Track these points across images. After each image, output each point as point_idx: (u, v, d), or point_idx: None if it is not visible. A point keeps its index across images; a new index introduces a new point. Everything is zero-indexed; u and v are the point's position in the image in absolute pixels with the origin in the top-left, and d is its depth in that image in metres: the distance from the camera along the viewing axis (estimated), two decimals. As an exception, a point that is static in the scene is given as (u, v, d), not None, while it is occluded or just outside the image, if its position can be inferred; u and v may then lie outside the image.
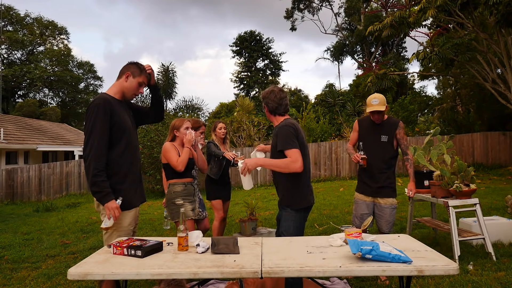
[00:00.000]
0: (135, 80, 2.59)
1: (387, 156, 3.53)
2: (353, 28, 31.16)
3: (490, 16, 9.45)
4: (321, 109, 19.77)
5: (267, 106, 2.87)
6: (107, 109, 2.42)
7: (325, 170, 12.91)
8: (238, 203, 8.77)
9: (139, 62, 2.67)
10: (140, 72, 2.61)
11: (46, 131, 22.80)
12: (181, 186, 3.60)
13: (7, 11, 34.32)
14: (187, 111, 17.63)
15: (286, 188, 2.78)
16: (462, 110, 17.44)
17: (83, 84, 39.35)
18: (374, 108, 3.48)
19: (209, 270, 1.93)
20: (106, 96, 2.51)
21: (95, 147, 2.37)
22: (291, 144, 2.64)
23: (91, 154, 2.37)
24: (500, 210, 5.84)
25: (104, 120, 2.40)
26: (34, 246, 5.67)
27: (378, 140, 3.54)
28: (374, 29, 10.52)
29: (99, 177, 2.36)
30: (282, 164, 2.64)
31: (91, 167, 2.35)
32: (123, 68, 2.63)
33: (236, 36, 31.44)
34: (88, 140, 2.39)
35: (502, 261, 3.63)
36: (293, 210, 2.75)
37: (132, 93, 2.62)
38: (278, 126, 2.80)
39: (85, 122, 2.45)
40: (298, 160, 2.61)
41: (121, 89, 2.60)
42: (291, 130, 2.69)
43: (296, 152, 2.63)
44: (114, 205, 2.39)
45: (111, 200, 2.39)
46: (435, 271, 1.89)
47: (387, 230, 3.51)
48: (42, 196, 13.69)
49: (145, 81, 2.64)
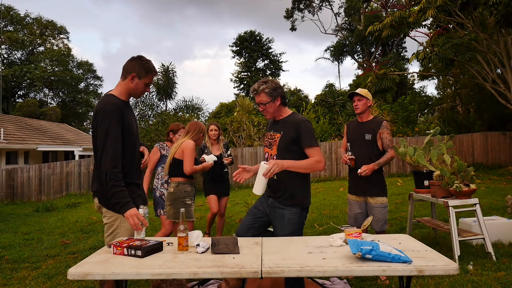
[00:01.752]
0: (141, 82, 2.48)
1: (372, 154, 3.58)
2: (353, 28, 31.17)
3: (490, 16, 9.44)
4: (321, 109, 19.76)
5: (282, 97, 2.73)
6: (119, 115, 2.36)
7: (325, 170, 12.91)
8: (238, 203, 8.78)
9: (144, 59, 2.51)
10: (146, 73, 2.47)
11: (46, 131, 22.81)
12: (190, 187, 3.64)
13: (7, 11, 34.32)
14: (187, 111, 17.61)
15: (296, 187, 2.67)
16: (462, 110, 17.44)
17: (83, 84, 39.36)
18: (355, 91, 3.68)
19: (209, 270, 1.93)
20: (115, 101, 2.41)
21: (110, 155, 2.30)
22: (316, 141, 2.63)
23: (107, 163, 2.29)
24: (500, 210, 5.84)
25: (117, 127, 2.34)
26: (34, 246, 5.67)
27: (362, 138, 3.63)
28: (374, 29, 10.52)
29: (117, 187, 2.29)
30: (308, 165, 2.58)
31: (108, 177, 2.29)
32: (127, 66, 2.48)
33: (236, 36, 31.49)
34: (103, 149, 2.31)
35: (502, 261, 3.63)
36: (301, 209, 2.68)
37: (139, 94, 2.55)
38: (297, 120, 2.68)
39: (97, 128, 2.35)
40: (322, 160, 2.59)
41: (127, 91, 2.49)
42: (312, 126, 2.67)
43: (320, 150, 2.63)
44: (133, 212, 2.30)
45: (130, 209, 2.30)
46: (435, 271, 1.89)
47: (378, 229, 3.56)
48: (42, 196, 13.69)
49: (152, 80, 2.55)
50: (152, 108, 17.73)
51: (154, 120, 15.37)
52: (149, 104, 17.88)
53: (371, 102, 3.69)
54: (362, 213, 3.66)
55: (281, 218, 2.66)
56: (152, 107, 17.85)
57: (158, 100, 18.56)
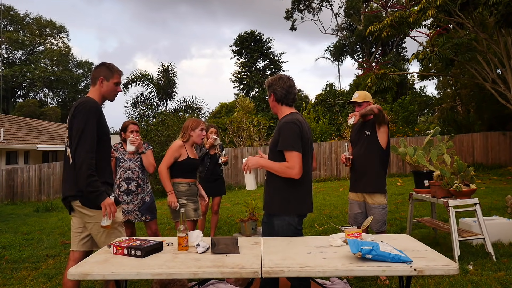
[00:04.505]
0: (110, 83, 2.64)
1: (371, 152, 3.57)
2: (353, 28, 31.15)
3: (490, 16, 9.44)
4: (321, 109, 19.78)
5: (274, 94, 2.61)
6: (97, 111, 2.52)
7: (325, 170, 12.92)
8: (238, 203, 8.77)
9: (106, 63, 2.68)
10: (112, 73, 2.64)
11: (46, 131, 22.82)
12: (186, 186, 3.61)
13: (7, 11, 34.34)
14: (187, 111, 17.61)
15: (278, 191, 2.54)
16: (462, 110, 17.45)
17: (83, 84, 39.36)
18: (353, 99, 3.75)
19: (209, 270, 1.93)
20: (94, 100, 2.58)
21: (87, 147, 2.42)
22: (293, 145, 2.43)
23: (83, 154, 2.41)
24: (500, 210, 5.84)
25: (94, 122, 2.47)
26: (34, 246, 5.67)
27: (363, 136, 3.65)
28: (374, 29, 10.52)
29: (93, 176, 2.41)
30: (279, 169, 2.47)
31: (84, 167, 2.39)
32: (94, 74, 2.65)
33: (236, 36, 31.47)
34: (79, 140, 2.42)
35: (502, 261, 3.63)
36: (285, 217, 2.53)
37: (112, 95, 2.70)
38: (282, 121, 2.54)
39: (74, 122, 2.48)
40: (295, 167, 2.42)
41: (100, 95, 2.64)
42: (296, 129, 2.46)
43: (296, 156, 2.42)
44: (110, 201, 2.45)
45: (106, 198, 2.44)
46: (435, 271, 1.89)
47: (376, 230, 3.56)
48: (42, 196, 13.69)
49: (119, 79, 2.70)
50: (152, 108, 17.73)
51: (154, 120, 15.37)
52: (149, 104, 17.88)
53: (371, 103, 3.69)
54: (362, 213, 3.67)
55: (270, 228, 2.62)
56: (152, 107, 17.84)
57: (158, 100, 18.54)
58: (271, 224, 2.57)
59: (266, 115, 22.05)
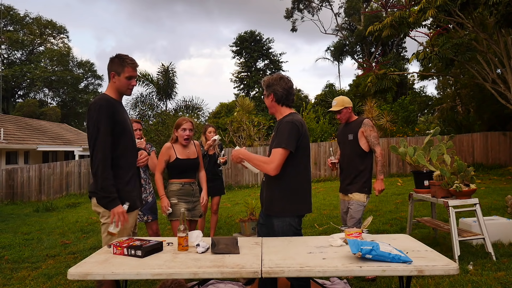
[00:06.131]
0: (122, 78, 2.54)
1: (354, 154, 3.68)
2: (353, 28, 31.15)
3: (490, 16, 9.44)
4: (321, 109, 19.77)
5: (274, 94, 2.58)
6: (109, 109, 2.43)
7: (325, 170, 12.91)
8: (238, 203, 8.78)
9: (118, 56, 2.57)
10: (123, 67, 2.52)
11: (46, 131, 22.81)
12: (178, 186, 3.62)
13: (7, 11, 34.34)
14: (187, 111, 17.61)
15: (278, 192, 2.52)
16: (462, 110, 17.44)
17: (83, 84, 39.37)
18: (332, 109, 3.82)
19: (209, 270, 1.93)
20: (106, 97, 2.51)
21: (102, 149, 2.35)
22: (286, 143, 2.41)
23: (99, 156, 2.34)
24: (500, 210, 5.84)
25: (107, 121, 2.39)
26: (34, 246, 5.67)
27: (346, 139, 3.76)
28: (374, 29, 10.52)
29: (109, 180, 2.35)
30: (258, 162, 2.49)
31: (100, 170, 2.33)
32: (108, 68, 2.58)
33: (236, 36, 31.46)
34: (95, 143, 2.36)
35: (502, 261, 3.63)
36: (285, 218, 2.51)
37: (126, 89, 2.59)
38: (283, 121, 2.53)
39: (88, 123, 2.41)
40: (273, 162, 2.40)
41: (115, 90, 2.57)
42: (295, 129, 2.45)
43: (280, 154, 2.41)
44: (120, 210, 2.37)
45: (117, 205, 2.37)
46: (435, 271, 1.89)
47: (350, 225, 3.58)
48: (42, 196, 13.68)
49: (132, 72, 2.57)
50: (152, 108, 17.70)
51: (154, 120, 15.36)
52: (149, 104, 17.86)
53: (351, 107, 3.77)
54: (347, 212, 3.75)
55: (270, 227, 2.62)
56: (152, 107, 17.81)
57: (158, 100, 18.52)
58: (270, 225, 2.57)
59: (266, 115, 22.03)
